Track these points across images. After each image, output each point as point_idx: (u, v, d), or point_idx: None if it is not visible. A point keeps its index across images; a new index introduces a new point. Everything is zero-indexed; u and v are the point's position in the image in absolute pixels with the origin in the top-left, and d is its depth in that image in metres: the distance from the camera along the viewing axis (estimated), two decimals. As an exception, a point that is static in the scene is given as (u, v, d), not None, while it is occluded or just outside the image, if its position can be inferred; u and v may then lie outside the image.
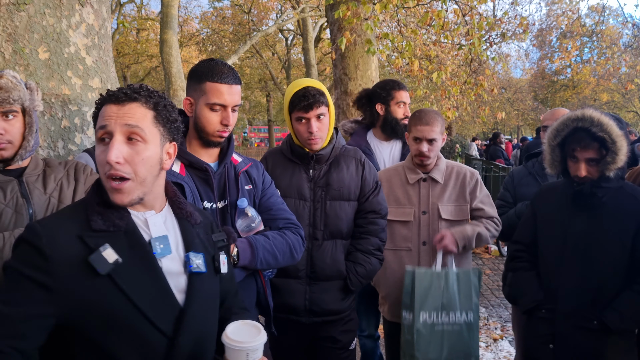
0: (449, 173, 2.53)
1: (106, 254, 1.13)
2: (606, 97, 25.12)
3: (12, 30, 2.19)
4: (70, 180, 1.79)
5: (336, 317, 2.17)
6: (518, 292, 2.23)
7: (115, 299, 1.13)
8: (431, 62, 9.73)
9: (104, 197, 1.20)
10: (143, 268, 1.19)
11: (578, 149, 1.99)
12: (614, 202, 2.01)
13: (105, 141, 1.19)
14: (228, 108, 1.72)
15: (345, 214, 2.16)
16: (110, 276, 1.13)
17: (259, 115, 35.67)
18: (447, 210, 2.47)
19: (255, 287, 1.84)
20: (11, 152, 1.70)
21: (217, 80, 1.69)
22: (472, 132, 27.40)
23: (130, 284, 1.15)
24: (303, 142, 2.12)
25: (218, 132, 1.73)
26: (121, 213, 1.20)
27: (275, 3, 22.16)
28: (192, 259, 1.28)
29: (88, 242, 1.14)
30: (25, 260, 1.11)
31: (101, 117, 1.20)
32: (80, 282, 1.11)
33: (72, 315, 1.12)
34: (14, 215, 1.63)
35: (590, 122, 1.95)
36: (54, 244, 1.11)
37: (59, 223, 1.16)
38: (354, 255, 2.18)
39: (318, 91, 2.05)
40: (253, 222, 1.75)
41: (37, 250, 1.10)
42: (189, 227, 1.34)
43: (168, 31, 9.58)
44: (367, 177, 2.22)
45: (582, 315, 2.00)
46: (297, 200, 2.13)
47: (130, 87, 1.23)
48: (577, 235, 2.03)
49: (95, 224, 1.16)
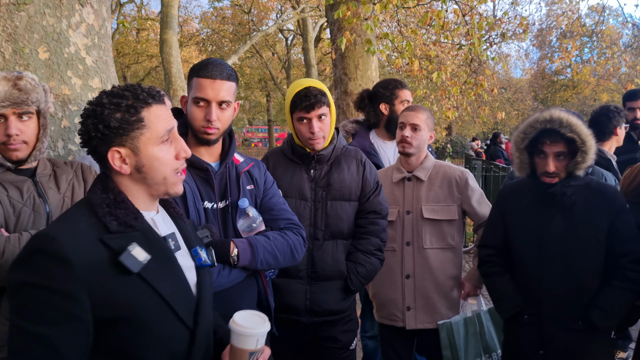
0: (435, 172, 2.50)
1: (135, 252, 1.14)
2: (606, 97, 25.10)
3: (12, 30, 2.19)
4: (80, 181, 1.84)
5: (337, 317, 2.17)
6: (495, 298, 2.20)
7: (146, 296, 1.15)
8: (431, 62, 9.73)
9: (116, 198, 1.19)
10: (165, 264, 1.22)
11: (547, 143, 1.99)
12: (583, 200, 2.03)
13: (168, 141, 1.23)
14: (212, 103, 1.70)
15: (346, 214, 2.16)
16: (139, 274, 1.14)
17: (259, 115, 35.67)
18: (431, 210, 2.44)
19: (256, 288, 1.84)
20: (25, 153, 1.73)
21: (201, 75, 1.70)
22: (472, 132, 27.38)
23: (158, 280, 1.17)
24: (304, 142, 2.12)
25: (203, 127, 1.72)
26: (135, 214, 1.20)
27: (275, 3, 22.17)
28: (199, 253, 1.33)
29: (110, 244, 1.13)
30: (46, 273, 1.05)
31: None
32: (109, 284, 1.10)
33: (103, 318, 1.10)
34: (32, 215, 1.66)
35: (559, 123, 1.94)
36: (75, 250, 1.07)
37: (73, 228, 1.12)
38: (355, 255, 2.18)
39: (320, 91, 2.05)
40: (254, 222, 1.75)
41: (58, 260, 1.05)
42: (184, 225, 1.39)
43: (168, 31, 9.58)
44: (368, 177, 2.21)
45: (567, 316, 2.01)
46: (298, 201, 2.13)
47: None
48: (554, 237, 2.03)
49: (112, 226, 1.15)
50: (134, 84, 1.24)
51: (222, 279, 1.64)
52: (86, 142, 1.19)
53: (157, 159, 1.20)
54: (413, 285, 2.45)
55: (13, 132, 1.68)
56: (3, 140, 1.69)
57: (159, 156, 1.20)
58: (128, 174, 1.20)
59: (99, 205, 1.17)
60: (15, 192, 1.68)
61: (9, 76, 1.69)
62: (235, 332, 1.23)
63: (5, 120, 1.68)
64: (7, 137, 1.68)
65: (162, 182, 1.23)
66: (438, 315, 2.44)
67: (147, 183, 1.22)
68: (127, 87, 1.22)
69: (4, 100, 1.66)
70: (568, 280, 2.01)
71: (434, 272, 2.43)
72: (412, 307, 2.44)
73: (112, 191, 1.20)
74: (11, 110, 1.68)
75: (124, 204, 1.19)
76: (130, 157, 1.19)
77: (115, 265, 1.11)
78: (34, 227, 1.64)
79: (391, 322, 2.50)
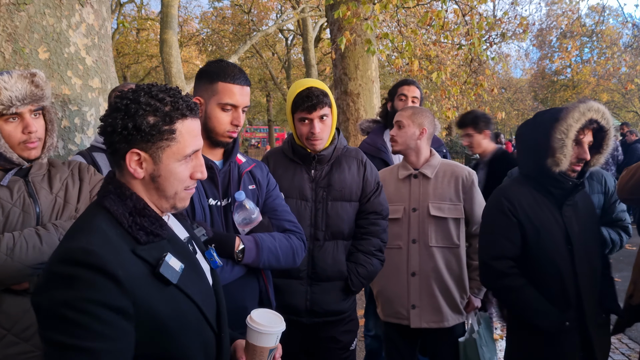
0: (442, 170, 2.49)
1: (172, 262, 1.10)
2: (606, 97, 25.10)
3: (12, 30, 2.19)
4: (75, 180, 1.80)
5: (337, 318, 2.17)
6: (532, 314, 2.00)
7: (184, 306, 1.12)
8: (431, 62, 9.73)
9: (136, 205, 1.13)
10: (193, 270, 1.20)
11: (584, 132, 1.99)
12: (580, 196, 2.09)
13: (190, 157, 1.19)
14: (239, 108, 1.73)
15: (346, 214, 2.16)
16: (176, 284, 1.11)
17: (259, 115, 35.67)
18: (437, 208, 2.43)
19: (257, 287, 1.84)
20: (39, 151, 1.72)
21: (230, 81, 1.71)
22: (472, 132, 27.34)
23: (192, 287, 1.15)
24: (305, 142, 2.12)
25: (228, 132, 1.74)
26: (159, 221, 1.15)
27: (275, 3, 22.16)
28: (214, 256, 1.33)
29: (143, 256, 1.08)
30: (95, 288, 0.98)
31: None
32: (152, 297, 1.06)
33: (149, 331, 1.06)
34: (21, 215, 1.63)
35: (602, 114, 1.97)
36: (118, 264, 1.01)
37: (107, 240, 1.05)
38: (355, 256, 2.18)
39: (322, 92, 2.05)
40: (252, 214, 1.75)
41: (105, 275, 0.99)
42: (189, 226, 1.37)
43: (168, 31, 9.58)
44: (369, 178, 2.21)
45: (597, 312, 2.04)
46: (299, 201, 2.13)
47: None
48: (576, 234, 2.01)
49: (141, 237, 1.10)
50: (176, 89, 1.17)
51: (225, 274, 1.64)
52: (107, 135, 1.12)
53: (175, 174, 1.15)
54: (418, 283, 2.44)
55: (34, 129, 1.66)
56: (23, 139, 1.66)
57: (177, 172, 1.15)
58: (141, 179, 1.14)
59: (121, 215, 1.10)
60: (5, 191, 1.64)
61: (24, 74, 1.67)
62: (256, 330, 1.24)
63: (22, 118, 1.66)
64: (28, 134, 1.66)
65: (172, 196, 1.17)
66: (443, 315, 2.44)
67: (158, 193, 1.17)
68: (168, 90, 1.15)
69: (25, 97, 1.63)
70: (593, 276, 2.03)
71: (440, 270, 2.43)
72: (417, 305, 2.44)
73: (130, 198, 1.13)
74: (28, 108, 1.66)
75: (146, 212, 1.13)
76: (149, 163, 1.13)
77: (154, 278, 1.07)
78: (23, 227, 1.60)
79: (396, 320, 2.49)
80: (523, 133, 2.12)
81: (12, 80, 1.62)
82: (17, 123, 1.65)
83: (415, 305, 2.44)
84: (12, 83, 1.61)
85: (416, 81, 3.21)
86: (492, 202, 2.11)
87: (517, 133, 2.18)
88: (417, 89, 3.11)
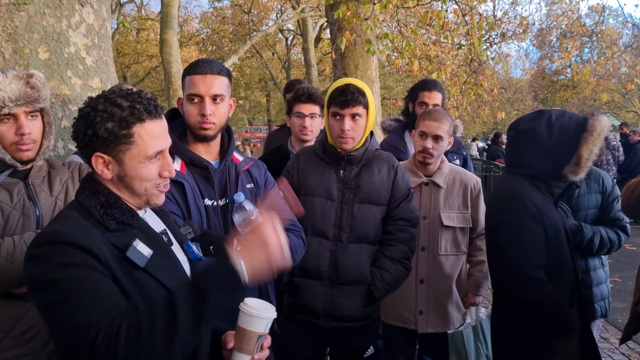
0: (452, 178, 2.46)
1: (140, 247, 1.17)
2: (606, 97, 25.10)
3: (12, 30, 2.19)
4: (75, 182, 1.79)
5: (356, 324, 2.10)
6: (562, 314, 1.95)
7: (153, 289, 1.17)
8: (431, 62, 9.73)
9: (107, 200, 1.21)
10: (166, 258, 1.26)
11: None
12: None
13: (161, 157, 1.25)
14: (205, 98, 1.73)
15: (373, 217, 2.10)
16: (145, 268, 1.17)
17: (258, 115, 35.64)
18: (449, 217, 2.41)
19: (257, 286, 1.84)
20: (34, 153, 1.70)
21: (192, 73, 1.75)
22: (472, 132, 27.37)
23: (162, 273, 1.20)
24: (334, 139, 2.08)
25: (199, 123, 1.74)
26: (130, 212, 1.23)
27: (275, 3, 22.15)
28: (192, 247, 1.37)
29: (113, 242, 1.15)
30: (71, 256, 1.07)
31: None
32: (124, 278, 1.13)
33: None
34: (21, 218, 1.62)
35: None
36: (91, 241, 1.10)
37: (79, 225, 1.14)
38: (381, 261, 2.11)
39: (358, 90, 2.01)
40: (252, 216, 1.75)
41: (80, 249, 1.08)
42: (170, 222, 1.42)
43: (168, 31, 9.57)
44: (400, 183, 2.14)
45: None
46: (325, 200, 2.08)
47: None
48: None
49: (111, 225, 1.17)
50: (136, 92, 1.23)
51: None
52: (75, 140, 1.22)
53: (140, 174, 1.21)
54: (426, 290, 2.42)
55: (27, 131, 1.64)
56: (15, 140, 1.65)
57: (142, 172, 1.21)
58: (109, 179, 1.21)
59: (93, 207, 1.19)
60: (5, 194, 1.62)
61: (20, 74, 1.66)
62: (247, 313, 1.25)
63: (16, 119, 1.65)
64: (20, 136, 1.65)
65: (143, 194, 1.24)
66: (449, 320, 2.44)
67: (128, 191, 1.23)
68: (127, 95, 1.20)
69: (19, 99, 1.62)
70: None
71: (447, 278, 2.42)
72: (424, 312, 2.42)
73: (102, 193, 1.21)
74: (23, 109, 1.64)
75: (118, 204, 1.21)
76: (114, 165, 1.20)
77: (123, 261, 1.14)
78: (23, 231, 1.60)
79: (401, 323, 2.46)
80: (538, 134, 1.94)
81: (6, 80, 1.61)
82: (10, 124, 1.64)
83: (423, 311, 2.43)
84: (5, 83, 1.60)
85: (439, 83, 3.05)
86: (514, 208, 1.95)
87: (524, 129, 2.01)
88: (438, 94, 2.96)
